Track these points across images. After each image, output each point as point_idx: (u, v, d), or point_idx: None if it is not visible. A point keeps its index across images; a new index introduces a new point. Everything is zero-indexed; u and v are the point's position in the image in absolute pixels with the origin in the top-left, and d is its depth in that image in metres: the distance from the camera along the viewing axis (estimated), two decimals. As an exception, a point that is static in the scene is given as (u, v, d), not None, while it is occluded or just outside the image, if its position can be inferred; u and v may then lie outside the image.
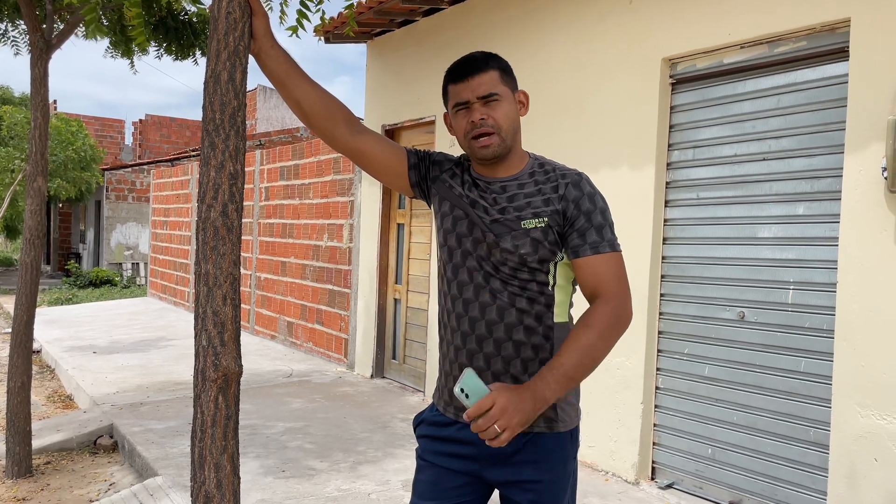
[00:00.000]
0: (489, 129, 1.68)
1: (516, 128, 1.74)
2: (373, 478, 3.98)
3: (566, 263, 1.72)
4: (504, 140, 1.70)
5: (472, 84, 1.69)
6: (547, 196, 1.69)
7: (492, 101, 1.69)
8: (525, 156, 1.79)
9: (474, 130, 1.69)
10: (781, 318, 3.48)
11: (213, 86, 1.68)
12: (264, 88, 18.06)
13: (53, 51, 4.29)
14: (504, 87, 1.71)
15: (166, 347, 7.94)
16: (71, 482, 4.23)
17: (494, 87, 1.69)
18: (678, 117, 3.94)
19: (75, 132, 15.43)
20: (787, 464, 3.44)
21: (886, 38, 3.00)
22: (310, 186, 7.88)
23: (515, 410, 1.49)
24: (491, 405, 1.48)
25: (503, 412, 1.48)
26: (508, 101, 1.72)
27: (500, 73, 1.71)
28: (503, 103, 1.70)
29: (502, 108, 1.69)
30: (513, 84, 1.75)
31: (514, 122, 1.72)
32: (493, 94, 1.68)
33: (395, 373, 6.46)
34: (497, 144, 1.70)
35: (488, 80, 1.69)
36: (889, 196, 2.98)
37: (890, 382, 2.98)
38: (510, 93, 1.73)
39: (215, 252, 1.67)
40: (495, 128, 1.68)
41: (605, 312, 1.62)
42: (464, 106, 1.71)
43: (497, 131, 1.69)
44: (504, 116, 1.70)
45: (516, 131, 1.74)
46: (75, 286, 15.79)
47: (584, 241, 1.66)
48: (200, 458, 1.69)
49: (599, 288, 1.66)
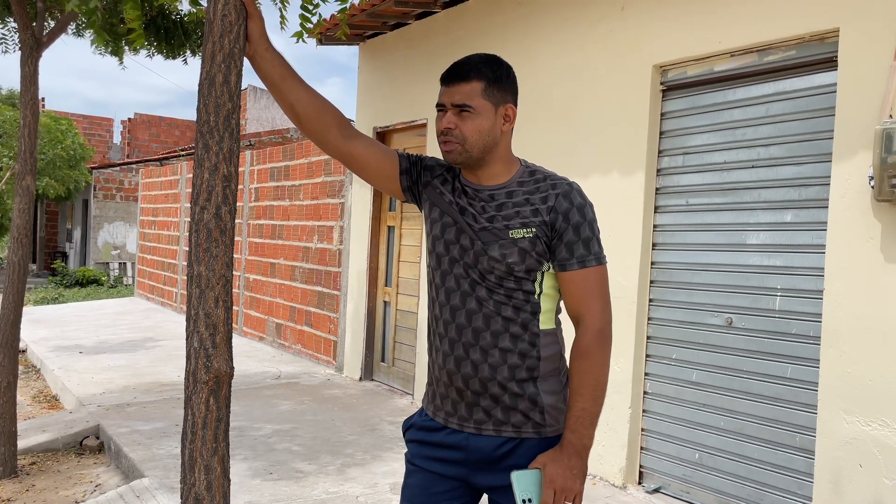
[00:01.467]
0: (453, 138, 1.69)
1: (489, 141, 1.70)
2: (361, 480, 3.97)
3: (553, 273, 1.73)
4: (468, 151, 1.70)
5: (452, 90, 1.70)
6: (536, 206, 1.69)
7: (464, 112, 1.68)
8: (515, 164, 1.78)
9: (441, 136, 1.72)
10: (769, 325, 3.51)
11: (208, 88, 1.68)
12: (255, 89, 18.01)
13: (44, 49, 4.27)
14: (482, 101, 1.68)
15: (154, 348, 7.90)
16: (56, 483, 4.20)
17: (471, 99, 1.68)
18: (668, 124, 3.97)
19: (65, 130, 15.34)
20: (773, 469, 3.46)
21: (874, 49, 3.04)
22: (300, 188, 7.87)
23: (573, 477, 1.64)
24: (552, 493, 1.62)
25: (564, 489, 1.62)
26: (484, 114, 1.69)
27: (484, 85, 1.68)
28: (475, 117, 1.68)
29: (473, 121, 1.68)
30: (498, 97, 1.71)
31: (486, 135, 1.69)
32: (466, 106, 1.68)
33: (384, 375, 6.46)
34: (458, 153, 1.70)
35: (467, 90, 1.68)
36: (876, 205, 3.02)
37: (875, 389, 3.01)
38: (490, 106, 1.69)
39: (208, 254, 1.68)
40: (459, 139, 1.69)
41: (595, 339, 1.68)
42: (441, 109, 1.73)
43: (461, 143, 1.69)
44: (473, 130, 1.68)
45: (489, 145, 1.71)
46: (62, 285, 15.68)
47: (572, 254, 1.68)
48: (191, 460, 1.69)
49: (583, 307, 1.70)
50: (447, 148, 1.72)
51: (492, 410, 1.71)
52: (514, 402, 1.69)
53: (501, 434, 1.71)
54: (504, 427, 1.71)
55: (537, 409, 1.70)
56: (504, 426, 1.71)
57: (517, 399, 1.69)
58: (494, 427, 1.71)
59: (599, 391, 1.68)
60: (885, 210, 2.99)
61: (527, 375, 1.69)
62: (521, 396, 1.69)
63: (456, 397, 1.74)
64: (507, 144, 1.77)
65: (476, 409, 1.72)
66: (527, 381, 1.69)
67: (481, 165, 1.74)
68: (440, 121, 1.72)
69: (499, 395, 1.69)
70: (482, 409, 1.71)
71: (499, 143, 1.74)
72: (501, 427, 1.71)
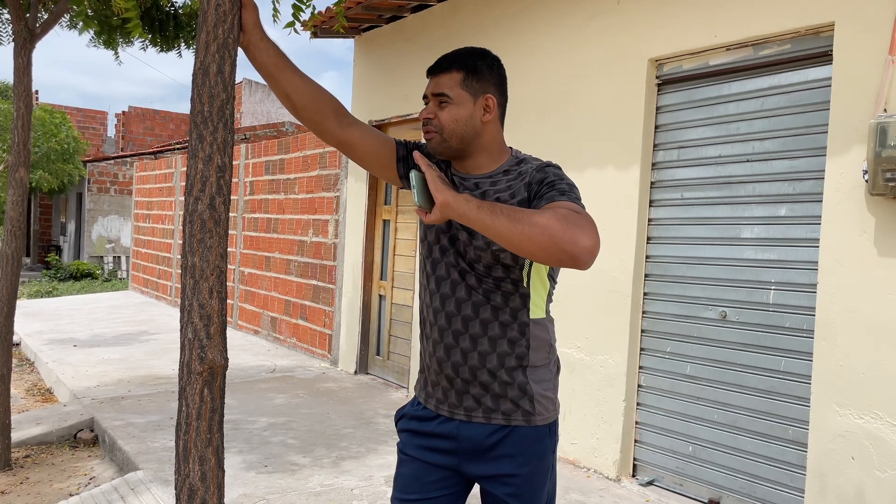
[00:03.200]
0: (432, 127, 1.74)
1: (466, 131, 1.72)
2: (356, 473, 3.98)
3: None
4: (446, 140, 1.73)
5: (434, 82, 1.75)
6: (514, 190, 1.70)
7: (442, 101, 1.72)
8: (505, 153, 1.79)
9: (423, 126, 1.77)
10: (763, 318, 3.52)
11: (202, 78, 1.67)
12: (250, 82, 17.96)
13: (37, 40, 4.24)
14: (460, 91, 1.71)
15: (148, 341, 7.89)
16: (51, 476, 4.20)
17: (449, 88, 1.71)
18: (664, 118, 3.97)
19: (59, 123, 15.27)
20: (765, 461, 3.48)
21: (869, 43, 3.04)
22: (295, 181, 7.86)
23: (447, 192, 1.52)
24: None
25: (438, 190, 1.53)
26: (462, 104, 1.71)
27: (462, 76, 1.72)
28: (452, 106, 1.71)
29: (450, 111, 1.71)
30: (477, 88, 1.72)
31: (463, 125, 1.71)
32: (443, 95, 1.72)
33: (379, 369, 6.46)
34: (437, 142, 1.74)
35: (446, 81, 1.72)
36: (869, 199, 3.03)
37: (867, 382, 3.02)
38: (468, 97, 1.72)
39: (202, 245, 1.67)
40: (437, 128, 1.73)
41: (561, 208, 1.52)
42: (425, 100, 1.78)
43: (439, 131, 1.73)
44: (450, 119, 1.71)
45: (467, 135, 1.72)
46: (56, 279, 15.63)
47: (550, 190, 1.61)
48: (185, 451, 1.69)
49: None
50: (427, 137, 1.75)
51: (481, 398, 1.72)
52: (503, 391, 1.70)
53: (491, 422, 1.72)
54: (494, 415, 1.72)
55: (527, 398, 1.71)
56: (494, 414, 1.72)
57: (506, 387, 1.70)
58: (484, 415, 1.72)
59: (515, 223, 1.45)
60: (879, 204, 3.00)
61: (516, 364, 1.70)
62: (510, 385, 1.70)
63: (446, 385, 1.75)
64: (491, 135, 1.76)
65: (466, 396, 1.73)
66: (516, 369, 1.70)
67: (465, 156, 1.76)
68: (422, 112, 1.77)
69: (488, 382, 1.70)
70: (472, 396, 1.72)
71: (480, 134, 1.74)
72: (491, 415, 1.72)
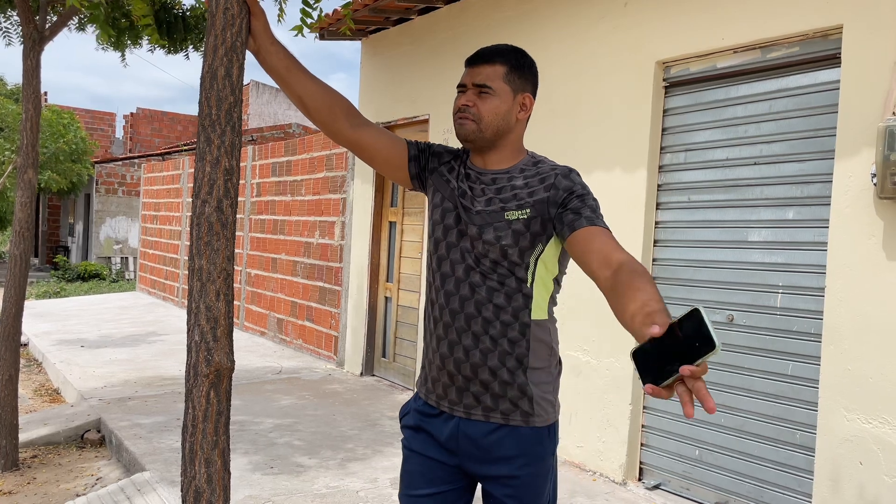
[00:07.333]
0: (469, 115, 1.73)
1: (502, 125, 1.74)
2: (361, 475, 3.98)
3: (546, 259, 1.71)
4: (481, 131, 1.73)
5: (475, 71, 1.75)
6: (533, 188, 1.71)
7: (483, 92, 1.73)
8: (523, 153, 1.81)
9: (458, 113, 1.75)
10: (770, 322, 3.50)
11: (210, 81, 1.68)
12: (257, 84, 18.00)
13: (46, 42, 4.27)
14: (502, 84, 1.73)
15: (155, 342, 7.91)
16: (58, 476, 4.21)
17: (492, 80, 1.73)
18: (671, 120, 3.97)
19: (67, 124, 15.34)
20: (773, 466, 3.46)
21: (878, 46, 3.03)
22: (302, 183, 7.87)
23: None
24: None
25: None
26: (502, 98, 1.73)
27: (506, 70, 1.73)
28: (493, 98, 1.72)
29: (491, 102, 1.72)
30: (518, 84, 1.75)
31: (501, 118, 1.73)
32: (485, 87, 1.72)
33: (385, 371, 6.47)
34: (473, 131, 1.73)
35: (490, 72, 1.73)
36: (878, 202, 3.01)
37: (876, 387, 3.01)
38: (509, 91, 1.74)
39: (209, 247, 1.68)
40: (476, 117, 1.73)
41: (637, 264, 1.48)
42: (462, 88, 1.77)
43: (476, 120, 1.73)
44: (489, 110, 1.72)
45: (502, 129, 1.74)
46: (63, 280, 15.70)
47: (580, 215, 1.63)
48: (191, 453, 1.69)
49: (612, 254, 1.52)
50: (461, 122, 1.74)
51: (481, 396, 1.72)
52: (503, 390, 1.70)
53: (490, 420, 1.72)
54: (493, 413, 1.72)
55: (526, 399, 1.71)
56: (493, 412, 1.72)
57: (506, 387, 1.70)
58: (483, 413, 1.72)
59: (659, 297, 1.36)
60: (888, 208, 2.98)
61: (516, 364, 1.70)
62: (510, 385, 1.70)
63: (447, 381, 1.75)
64: (519, 133, 1.80)
65: (466, 393, 1.73)
66: (516, 369, 1.70)
67: (491, 148, 1.77)
68: (458, 98, 1.76)
69: (488, 381, 1.70)
70: (472, 394, 1.73)
71: (512, 130, 1.77)
72: (490, 413, 1.72)
